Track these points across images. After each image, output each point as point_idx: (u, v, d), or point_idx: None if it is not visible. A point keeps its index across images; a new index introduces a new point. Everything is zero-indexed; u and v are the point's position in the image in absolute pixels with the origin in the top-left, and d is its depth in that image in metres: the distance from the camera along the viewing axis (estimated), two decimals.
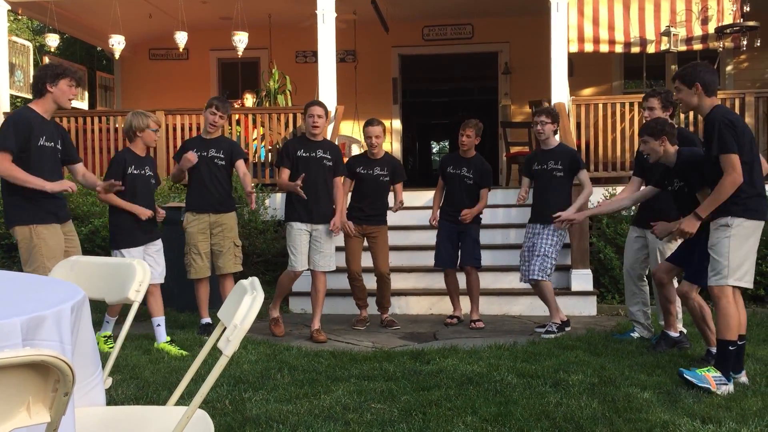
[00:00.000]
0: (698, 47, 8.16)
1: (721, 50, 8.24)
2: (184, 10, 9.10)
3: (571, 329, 5.88)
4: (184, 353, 5.07)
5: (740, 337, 4.13)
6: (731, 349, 4.02)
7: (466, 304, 6.45)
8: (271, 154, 8.49)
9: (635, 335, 5.46)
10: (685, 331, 5.22)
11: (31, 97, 4.69)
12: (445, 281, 6.43)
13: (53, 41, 9.46)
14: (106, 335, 5.25)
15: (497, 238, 7.53)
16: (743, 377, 4.18)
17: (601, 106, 8.25)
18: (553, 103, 7.91)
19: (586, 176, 5.92)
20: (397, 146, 11.97)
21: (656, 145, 4.53)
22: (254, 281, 2.09)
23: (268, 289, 7.23)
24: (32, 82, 4.73)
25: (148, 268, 2.57)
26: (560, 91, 8.03)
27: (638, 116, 8.13)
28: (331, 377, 4.36)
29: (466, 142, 6.23)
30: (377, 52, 11.72)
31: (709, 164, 4.12)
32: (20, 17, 13.12)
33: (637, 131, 8.11)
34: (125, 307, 5.38)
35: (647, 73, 10.34)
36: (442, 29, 11.82)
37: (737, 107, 7.83)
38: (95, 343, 2.19)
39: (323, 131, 5.96)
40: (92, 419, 2.12)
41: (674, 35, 8.06)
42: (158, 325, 5.25)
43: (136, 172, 5.22)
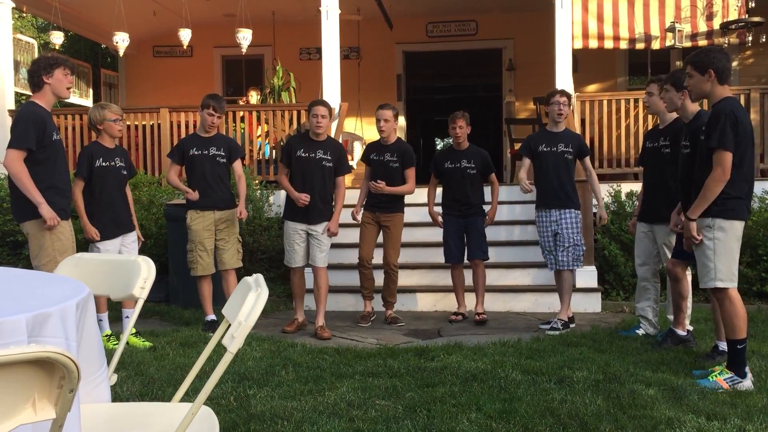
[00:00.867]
0: (703, 43, 8.12)
1: (726, 46, 8.19)
2: (188, 7, 9.10)
3: (575, 326, 5.88)
4: (147, 344, 5.15)
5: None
6: (740, 347, 4.01)
7: (470, 301, 6.45)
8: (275, 151, 8.50)
9: (640, 332, 5.45)
10: (692, 328, 5.20)
11: (34, 89, 4.69)
12: (451, 275, 6.42)
13: (58, 39, 9.47)
14: (107, 334, 5.26)
15: (501, 234, 7.52)
16: (748, 374, 4.17)
17: (605, 102, 8.23)
18: None
19: (589, 163, 6.01)
20: None
21: (676, 96, 4.59)
22: (259, 278, 2.09)
23: (272, 285, 7.25)
24: (27, 76, 4.73)
25: (152, 264, 2.58)
26: (565, 87, 7.95)
27: (643, 113, 8.12)
28: (335, 374, 4.36)
29: (460, 133, 6.22)
30: (381, 48, 11.71)
31: (708, 156, 4.07)
32: (25, 15, 13.13)
33: (641, 128, 8.10)
34: (113, 303, 5.43)
35: (652, 69, 10.31)
36: (446, 26, 11.80)
37: (742, 103, 7.80)
38: (100, 339, 2.19)
39: (327, 130, 5.97)
40: (97, 416, 2.13)
41: (679, 31, 8.03)
42: (126, 317, 5.31)
43: (105, 164, 5.26)
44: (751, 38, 8.14)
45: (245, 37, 8.87)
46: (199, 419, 2.00)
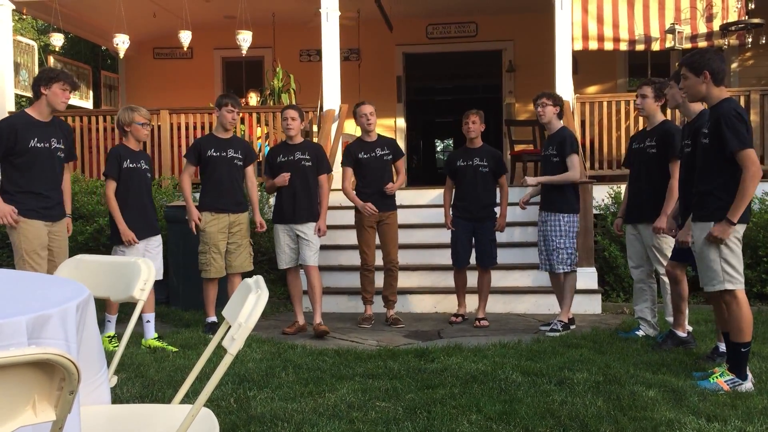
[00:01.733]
0: (703, 45, 8.13)
1: (726, 47, 8.21)
2: (188, 9, 9.11)
3: (575, 327, 5.87)
4: (173, 349, 5.13)
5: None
6: (744, 350, 4.00)
7: (470, 302, 6.45)
8: None
9: (640, 333, 5.45)
10: (691, 329, 5.20)
11: (34, 98, 4.86)
12: (454, 277, 6.40)
13: (58, 41, 9.48)
14: (109, 335, 5.26)
15: (502, 236, 7.48)
16: (748, 375, 4.17)
17: (605, 103, 8.24)
18: None
19: (574, 161, 5.67)
20: (401, 144, 11.96)
21: (679, 94, 4.65)
22: (259, 279, 2.09)
23: (272, 287, 7.25)
24: (30, 85, 4.89)
25: (153, 266, 2.58)
26: (565, 88, 8.02)
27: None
28: (335, 375, 4.36)
29: (473, 128, 6.18)
30: (381, 50, 11.72)
31: (708, 158, 4.02)
32: (25, 17, 13.14)
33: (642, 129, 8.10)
34: (124, 305, 5.44)
35: (652, 70, 10.33)
36: (446, 27, 11.81)
37: (742, 104, 7.80)
38: (100, 341, 2.19)
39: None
40: (98, 418, 2.13)
41: (679, 33, 8.04)
42: (147, 321, 5.30)
43: (132, 165, 5.30)
44: (750, 40, 8.15)
45: (245, 38, 8.88)
46: (199, 421, 1.99)
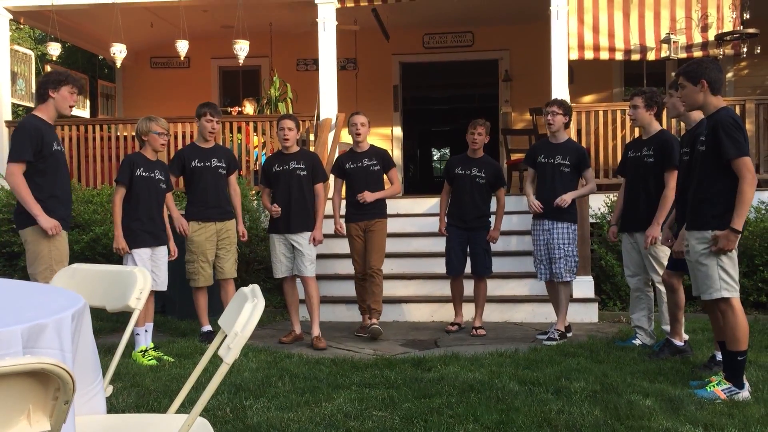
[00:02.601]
0: (698, 54, 8.16)
1: (721, 57, 8.24)
2: (185, 18, 9.12)
3: (572, 336, 5.87)
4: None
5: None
6: (740, 359, 4.00)
7: (467, 311, 6.44)
8: None
9: (637, 342, 5.45)
10: (687, 338, 5.20)
11: (33, 105, 4.84)
12: (451, 286, 6.39)
13: (55, 50, 9.48)
14: (142, 349, 5.18)
15: (499, 245, 7.47)
16: (745, 384, 4.16)
17: (601, 113, 8.26)
18: None
19: (591, 175, 5.99)
20: (398, 153, 11.98)
21: (679, 102, 4.59)
22: (255, 288, 2.09)
23: (269, 296, 7.24)
24: (35, 87, 4.85)
25: (149, 275, 2.58)
26: (561, 98, 8.03)
27: None
28: (332, 385, 4.35)
29: (478, 140, 6.19)
30: (378, 59, 11.75)
31: (705, 166, 4.04)
32: (22, 26, 13.15)
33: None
34: (121, 315, 5.41)
35: (647, 80, 10.33)
36: (442, 37, 11.85)
37: (738, 114, 7.83)
38: (96, 351, 2.18)
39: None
40: (93, 427, 2.12)
41: (674, 42, 8.07)
42: (146, 330, 5.29)
43: (145, 174, 5.31)
44: (746, 49, 8.18)
45: (242, 48, 8.89)
46: (194, 431, 1.99)
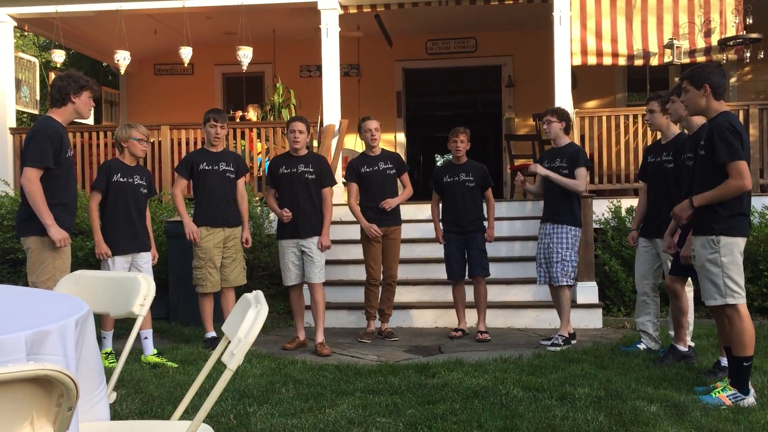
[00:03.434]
0: (701, 59, 8.16)
1: (724, 62, 8.23)
2: (188, 25, 9.15)
3: (576, 342, 5.86)
4: (173, 365, 5.13)
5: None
6: (746, 365, 3.99)
7: (471, 317, 6.43)
8: None
9: (642, 347, 5.43)
10: (693, 344, 5.19)
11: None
12: (452, 292, 6.41)
13: (59, 57, 9.52)
14: (106, 352, 5.24)
15: (502, 250, 7.51)
16: (751, 390, 4.14)
17: (604, 118, 8.26)
18: None
19: (582, 173, 5.76)
20: None
21: (681, 108, 4.65)
22: (258, 295, 2.09)
23: (272, 302, 7.23)
24: (52, 90, 4.71)
25: (152, 282, 2.58)
26: (564, 103, 8.03)
27: (642, 128, 8.14)
28: (335, 391, 4.34)
29: (461, 147, 6.27)
30: (381, 66, 11.77)
31: (705, 169, 4.06)
32: (26, 33, 13.22)
33: (641, 143, 8.12)
34: (121, 321, 5.43)
35: (651, 85, 10.35)
36: (445, 43, 11.86)
37: (741, 119, 7.82)
38: (99, 357, 2.19)
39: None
40: None
41: (677, 48, 8.07)
42: (145, 338, 5.29)
43: (123, 180, 5.31)
44: (749, 54, 8.18)
45: (246, 54, 8.91)
46: None
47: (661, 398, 4.06)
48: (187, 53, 9.22)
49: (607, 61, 8.32)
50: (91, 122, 11.38)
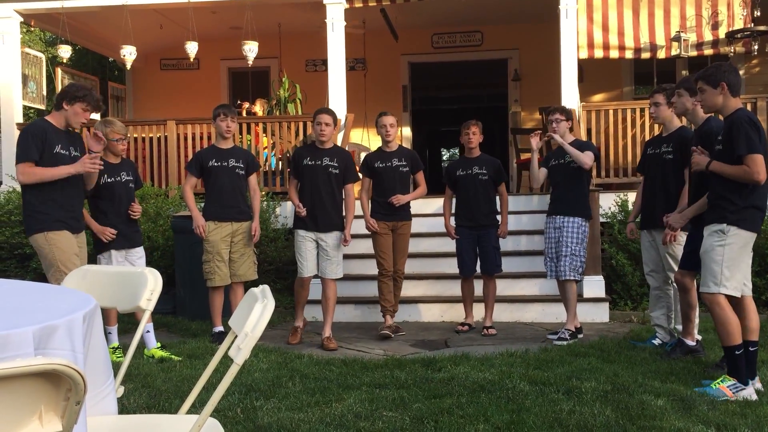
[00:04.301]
0: (709, 52, 8.12)
1: (732, 55, 8.19)
2: (194, 20, 9.15)
3: (583, 336, 5.85)
4: (177, 358, 5.15)
5: (752, 343, 4.10)
6: (738, 353, 4.00)
7: (477, 312, 6.43)
8: (281, 162, 8.52)
9: (657, 342, 5.39)
10: (700, 338, 5.17)
11: (44, 108, 4.91)
12: (461, 286, 6.40)
13: (65, 52, 9.53)
14: (113, 346, 5.25)
15: (508, 244, 7.49)
16: (757, 384, 4.14)
17: (611, 112, 8.22)
18: None
19: (591, 156, 5.79)
20: None
21: (689, 101, 4.74)
22: (265, 289, 2.09)
23: (279, 297, 7.25)
24: (56, 94, 4.92)
25: (159, 276, 2.59)
26: (570, 97, 8.02)
27: (649, 122, 8.10)
28: (342, 385, 4.35)
29: (473, 139, 6.25)
30: (387, 60, 11.75)
31: (723, 162, 4.07)
32: (33, 29, 13.24)
33: (648, 137, 8.08)
34: (123, 315, 5.45)
35: (658, 78, 10.29)
36: (451, 37, 11.83)
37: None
38: (107, 352, 2.19)
39: (332, 138, 5.99)
40: (104, 428, 2.12)
41: (684, 40, 8.03)
42: (147, 331, 5.30)
43: (110, 180, 5.32)
44: (756, 47, 8.13)
45: (251, 49, 8.91)
46: (205, 431, 1.99)
47: (668, 392, 4.05)
48: (192, 48, 9.23)
49: (613, 54, 8.29)
50: (97, 118, 11.41)
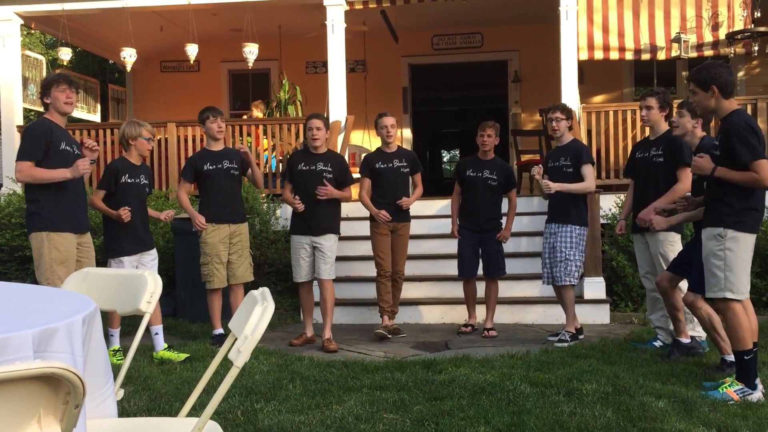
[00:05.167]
0: (709, 54, 8.11)
1: (732, 56, 8.19)
2: (194, 22, 9.16)
3: (584, 338, 5.84)
4: (181, 356, 5.17)
5: (752, 344, 4.09)
6: (747, 358, 3.98)
7: (479, 313, 6.42)
8: (282, 164, 8.52)
9: (658, 344, 5.38)
10: (698, 335, 5.16)
11: (42, 110, 4.93)
12: (463, 288, 6.39)
13: (66, 55, 9.54)
14: (114, 349, 5.25)
15: (509, 246, 7.45)
16: (758, 386, 4.13)
17: (611, 113, 8.22)
18: None
19: (589, 171, 5.75)
20: None
21: (690, 123, 4.81)
22: (265, 291, 2.09)
23: (279, 299, 7.24)
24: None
25: (159, 279, 2.58)
26: (570, 98, 8.01)
27: None
28: (343, 387, 4.35)
29: (488, 141, 6.21)
30: (387, 61, 11.75)
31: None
32: (33, 31, 13.25)
33: None
34: (129, 318, 5.45)
35: (658, 80, 10.28)
36: (451, 38, 11.84)
37: (749, 113, 7.77)
38: (107, 354, 2.19)
39: (329, 143, 6.01)
40: (104, 431, 2.12)
41: (684, 42, 8.02)
42: (156, 333, 5.30)
43: (130, 180, 5.31)
44: (756, 48, 8.12)
45: (252, 51, 8.91)
46: None
47: (669, 394, 4.05)
48: (193, 50, 9.23)
49: (613, 55, 8.29)
50: (98, 120, 11.43)
